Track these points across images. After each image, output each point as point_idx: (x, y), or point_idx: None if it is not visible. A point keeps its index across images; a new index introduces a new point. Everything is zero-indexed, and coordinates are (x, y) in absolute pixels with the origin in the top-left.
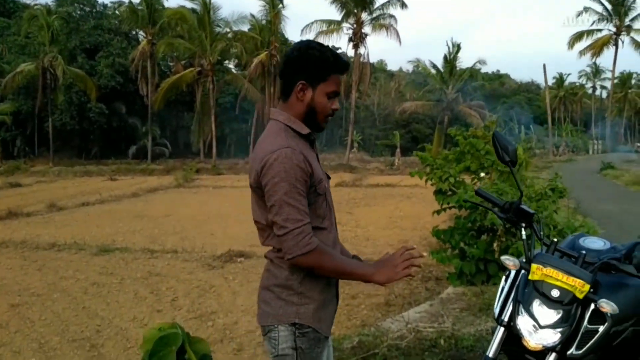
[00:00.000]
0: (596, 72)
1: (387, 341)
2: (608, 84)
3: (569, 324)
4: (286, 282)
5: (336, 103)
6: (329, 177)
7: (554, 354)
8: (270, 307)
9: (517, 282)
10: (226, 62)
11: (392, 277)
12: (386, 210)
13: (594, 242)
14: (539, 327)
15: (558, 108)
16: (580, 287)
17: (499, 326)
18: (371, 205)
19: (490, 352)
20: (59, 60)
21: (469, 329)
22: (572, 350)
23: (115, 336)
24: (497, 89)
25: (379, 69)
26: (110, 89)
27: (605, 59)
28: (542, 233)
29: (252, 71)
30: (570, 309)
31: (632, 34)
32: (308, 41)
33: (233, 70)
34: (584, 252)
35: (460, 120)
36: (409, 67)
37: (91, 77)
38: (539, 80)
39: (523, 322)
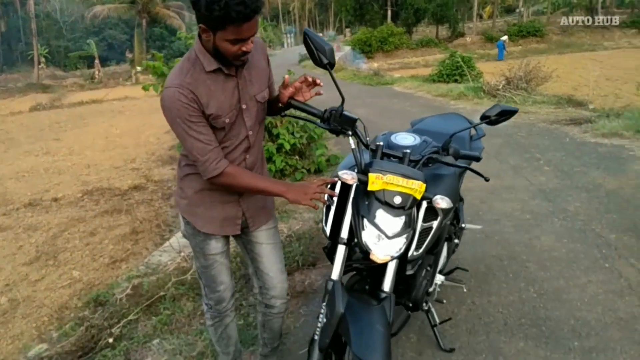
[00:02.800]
0: None
1: (171, 278)
2: None
3: (412, 227)
4: (177, 175)
5: (246, 45)
6: (259, 102)
7: (395, 260)
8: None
9: (350, 196)
10: None
11: (299, 199)
12: (100, 130)
13: (405, 139)
14: (387, 238)
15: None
16: (419, 188)
17: (340, 245)
18: (81, 127)
19: (335, 275)
20: None
21: None
22: (412, 252)
23: None
24: None
25: None
26: None
27: None
28: (368, 138)
29: None
30: (411, 212)
31: None
32: None
33: None
34: (407, 150)
35: (159, 23)
36: None
37: None
38: None
39: (369, 236)
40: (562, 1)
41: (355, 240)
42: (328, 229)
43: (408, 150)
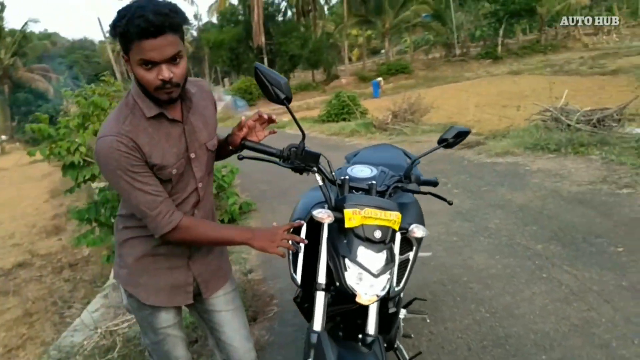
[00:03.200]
0: None
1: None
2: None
3: (393, 261)
4: (115, 241)
5: (163, 72)
6: (210, 150)
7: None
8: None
9: (322, 236)
10: None
11: (265, 247)
12: None
13: (362, 171)
14: (373, 276)
15: (117, 62)
16: (396, 219)
17: (318, 292)
18: None
19: (318, 326)
20: None
21: None
22: (393, 287)
23: None
24: (48, 50)
25: None
26: None
27: None
28: (332, 173)
29: None
30: (391, 246)
31: None
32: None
33: None
34: (373, 182)
35: (24, 87)
36: None
37: None
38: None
39: (353, 277)
40: (421, 40)
41: (337, 283)
42: (298, 277)
43: (374, 182)
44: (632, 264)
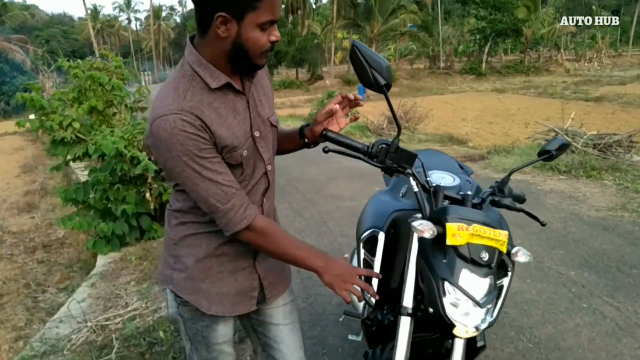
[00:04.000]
0: (128, 4)
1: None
2: (142, 16)
3: (496, 289)
4: (167, 240)
5: (275, 32)
6: (274, 126)
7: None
8: (161, 263)
9: (410, 253)
10: None
11: (333, 285)
12: None
13: (443, 178)
14: (479, 306)
15: (96, 40)
16: (505, 239)
17: (403, 317)
18: None
19: (402, 355)
20: None
21: (161, 301)
22: (487, 319)
23: None
24: (27, 21)
25: None
26: None
27: None
28: (427, 178)
29: None
30: (495, 270)
31: None
32: None
33: None
34: (469, 192)
35: (1, 58)
36: None
37: None
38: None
39: (454, 304)
40: (404, 49)
41: (430, 309)
42: (373, 298)
43: (469, 192)
44: None
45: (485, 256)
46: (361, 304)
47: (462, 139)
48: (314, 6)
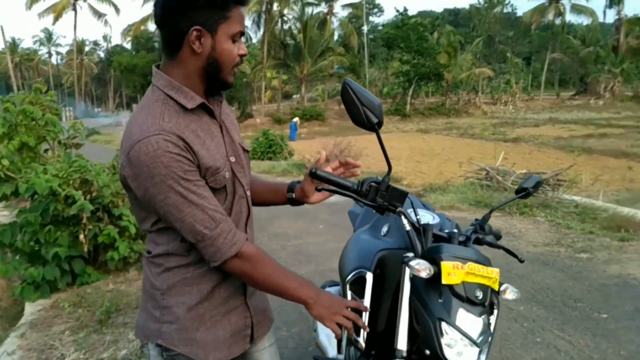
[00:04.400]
0: (50, 37)
1: None
2: (63, 50)
3: (489, 328)
4: (151, 291)
5: (243, 46)
6: (246, 151)
7: None
8: (141, 317)
9: (403, 291)
10: None
11: (323, 317)
12: None
13: (424, 216)
14: (476, 345)
15: (14, 74)
16: (497, 277)
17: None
18: None
19: None
20: None
21: (106, 352)
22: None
23: None
24: None
25: None
26: None
27: (66, 24)
28: (417, 217)
29: None
30: (488, 308)
31: (89, 1)
32: None
33: None
34: (455, 230)
35: None
36: None
37: None
38: None
39: (453, 346)
40: (332, 90)
41: (426, 352)
42: (362, 340)
43: (455, 230)
44: (623, 332)
45: (479, 294)
46: (332, 348)
47: (397, 177)
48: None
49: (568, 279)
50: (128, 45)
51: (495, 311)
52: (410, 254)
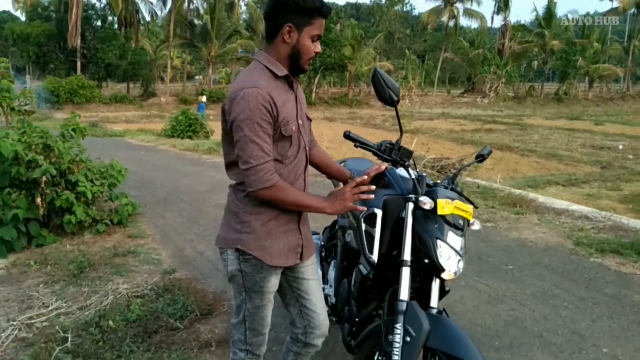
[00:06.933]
0: None
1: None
2: None
3: (465, 246)
4: (235, 210)
5: (318, 46)
6: (309, 119)
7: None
8: (223, 231)
9: (407, 220)
10: None
11: (340, 209)
12: None
13: (406, 173)
14: (460, 256)
15: None
16: (472, 211)
17: (404, 268)
18: None
19: (405, 295)
20: None
21: (88, 300)
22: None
23: None
24: None
25: None
26: None
27: None
28: (417, 170)
29: None
30: (465, 232)
31: None
32: None
33: None
34: (438, 181)
35: None
36: None
37: None
38: None
39: (444, 255)
40: (237, 73)
41: (425, 260)
42: (375, 256)
43: (439, 181)
44: (525, 278)
45: (461, 223)
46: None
47: None
48: (148, 21)
49: (479, 241)
50: (18, 14)
51: (465, 235)
52: (412, 196)
